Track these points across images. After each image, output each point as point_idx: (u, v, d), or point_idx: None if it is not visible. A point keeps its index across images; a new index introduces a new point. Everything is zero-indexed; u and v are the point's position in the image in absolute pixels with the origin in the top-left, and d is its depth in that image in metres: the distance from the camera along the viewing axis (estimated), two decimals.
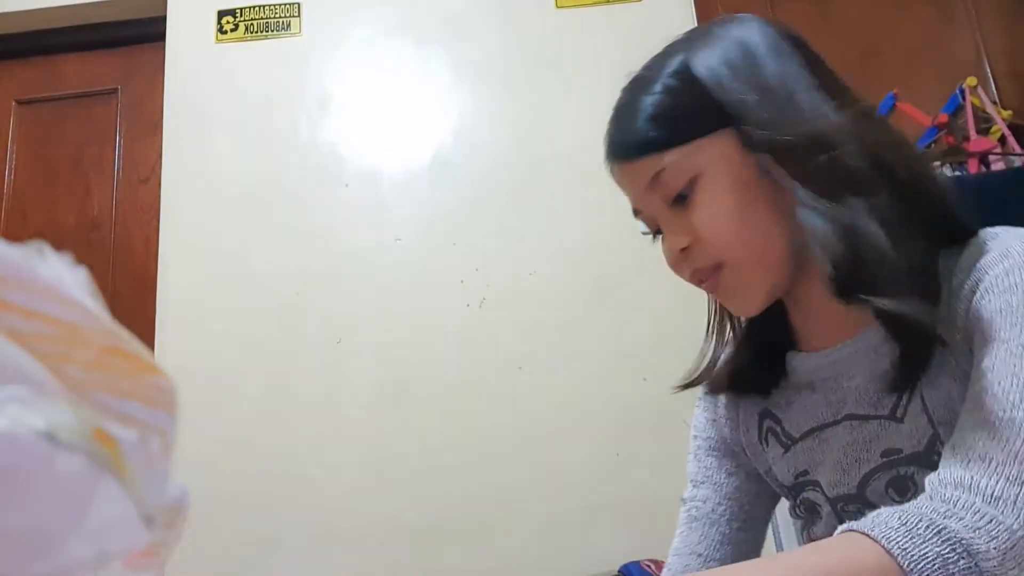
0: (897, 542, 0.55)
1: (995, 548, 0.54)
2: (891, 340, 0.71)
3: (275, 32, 2.38)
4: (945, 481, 0.60)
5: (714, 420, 0.93)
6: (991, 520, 0.55)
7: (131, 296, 2.26)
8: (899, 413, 0.73)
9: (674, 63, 0.75)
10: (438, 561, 1.95)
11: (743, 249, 0.72)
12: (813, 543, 0.59)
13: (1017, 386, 0.61)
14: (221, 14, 2.40)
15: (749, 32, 0.76)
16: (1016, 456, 0.58)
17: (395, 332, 2.11)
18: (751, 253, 0.73)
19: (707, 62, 0.74)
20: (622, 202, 0.82)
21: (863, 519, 0.58)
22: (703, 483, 0.91)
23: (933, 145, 2.12)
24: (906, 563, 0.54)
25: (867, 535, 0.56)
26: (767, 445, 0.87)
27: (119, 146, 2.47)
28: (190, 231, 2.24)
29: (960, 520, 0.56)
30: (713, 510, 0.89)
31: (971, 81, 2.12)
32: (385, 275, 2.16)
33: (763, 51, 0.74)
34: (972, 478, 0.58)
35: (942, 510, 0.57)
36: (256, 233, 2.22)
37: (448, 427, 2.03)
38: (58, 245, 0.31)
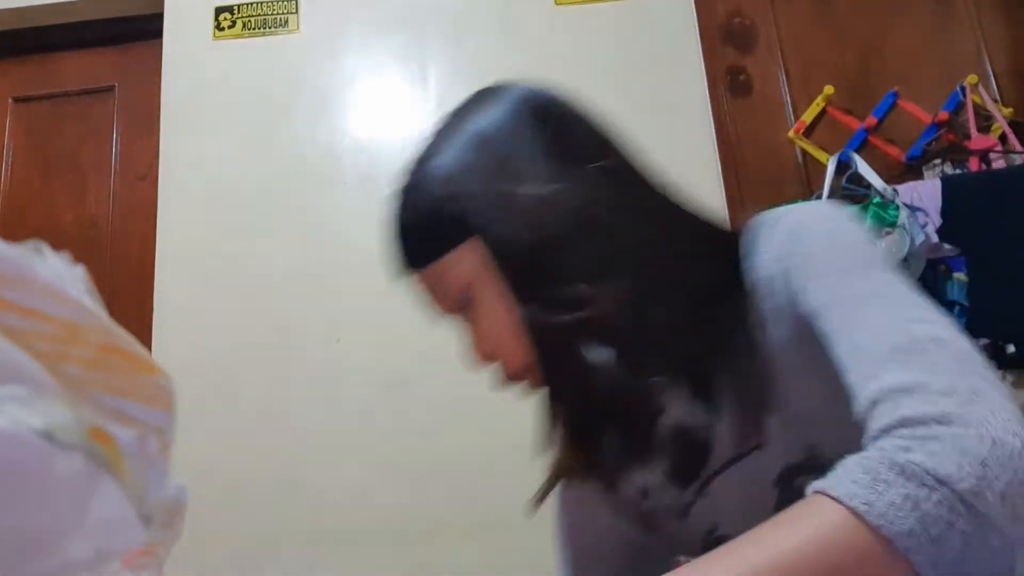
0: (860, 497, 0.49)
1: (968, 464, 0.48)
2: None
3: (273, 29, 2.37)
4: (885, 397, 0.55)
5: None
6: (952, 436, 0.50)
7: (128, 294, 2.25)
8: (761, 440, 0.72)
9: (425, 172, 0.76)
10: (438, 559, 1.94)
11: (525, 352, 0.73)
12: (779, 514, 0.53)
13: (891, 320, 0.59)
14: (218, 11, 2.40)
15: (489, 120, 0.76)
16: (941, 364, 0.54)
17: (394, 330, 2.11)
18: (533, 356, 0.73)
19: (445, 170, 0.74)
20: None
21: (827, 476, 0.53)
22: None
23: (934, 143, 2.12)
24: (873, 518, 0.48)
25: (829, 496, 0.51)
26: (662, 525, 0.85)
27: (116, 144, 2.46)
28: (187, 229, 2.23)
29: (922, 446, 0.50)
30: None
31: (972, 79, 2.12)
32: (384, 273, 2.15)
33: (496, 142, 0.74)
34: (912, 383, 0.53)
35: (901, 443, 0.51)
36: (254, 231, 2.21)
37: (448, 425, 2.03)
38: (55, 243, 0.30)
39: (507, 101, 0.78)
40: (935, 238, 1.95)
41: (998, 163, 2.03)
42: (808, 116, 2.19)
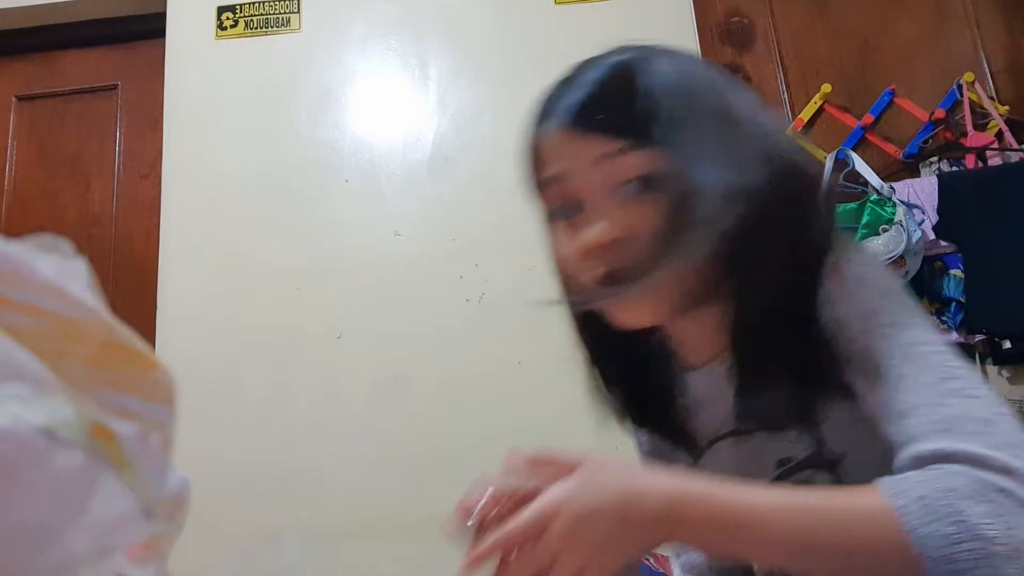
0: (914, 516, 0.53)
1: (1013, 535, 0.52)
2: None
3: (275, 28, 2.38)
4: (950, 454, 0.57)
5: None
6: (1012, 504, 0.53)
7: (132, 291, 2.26)
8: (780, 426, 0.74)
9: (663, 64, 0.71)
10: (437, 554, 1.95)
11: (674, 266, 0.70)
12: (842, 488, 0.58)
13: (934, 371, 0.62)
14: (221, 10, 2.40)
15: (696, 63, 0.76)
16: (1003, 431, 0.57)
17: (395, 327, 2.12)
18: (676, 272, 0.70)
19: (674, 77, 0.71)
20: None
21: (895, 478, 0.57)
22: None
23: (930, 140, 2.12)
24: (914, 541, 0.52)
25: (888, 501, 0.55)
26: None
27: (119, 142, 2.47)
28: (190, 226, 2.24)
29: (984, 500, 0.53)
30: None
31: (968, 77, 2.12)
32: (384, 270, 2.17)
33: (708, 88, 0.72)
34: (975, 452, 0.56)
35: (965, 490, 0.54)
36: (256, 228, 2.22)
37: (448, 422, 2.04)
38: None
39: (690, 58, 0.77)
40: (931, 235, 1.96)
41: (994, 160, 2.03)
42: (805, 114, 2.20)
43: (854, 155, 2.06)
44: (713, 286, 0.73)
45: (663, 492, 0.57)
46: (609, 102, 0.70)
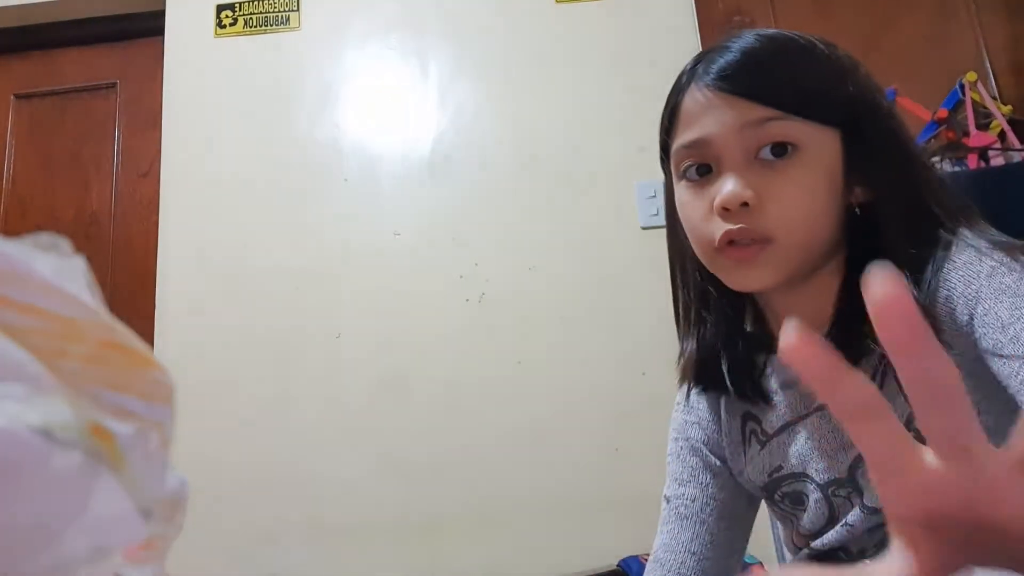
0: None
1: None
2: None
3: (274, 26, 2.38)
4: None
5: (696, 423, 0.93)
6: None
7: (130, 290, 2.26)
8: None
9: (823, 45, 0.76)
10: (437, 554, 1.95)
11: (802, 234, 0.72)
12: None
13: None
14: (220, 8, 2.40)
15: (852, 59, 0.79)
16: None
17: (394, 327, 2.12)
18: (804, 240, 0.73)
19: (849, 61, 0.76)
20: (622, 197, 0.83)
21: None
22: (689, 482, 0.91)
23: (933, 140, 2.12)
24: None
25: None
26: (748, 446, 0.88)
27: (118, 140, 2.46)
28: (189, 225, 2.24)
29: None
30: (701, 509, 0.89)
31: (971, 76, 2.12)
32: (384, 270, 2.16)
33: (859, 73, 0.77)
34: None
35: None
36: (255, 228, 2.22)
37: (447, 422, 2.04)
38: None
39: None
40: None
41: (997, 160, 2.03)
42: None
43: None
44: (831, 256, 0.76)
45: None
46: (760, 69, 0.73)
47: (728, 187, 0.72)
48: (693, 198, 0.76)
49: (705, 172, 0.76)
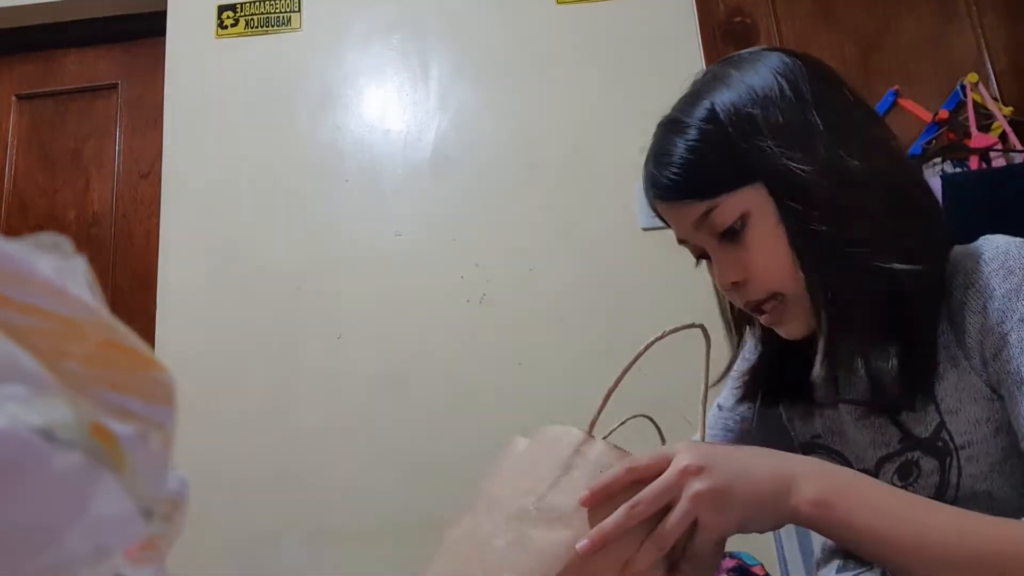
0: None
1: None
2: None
3: (275, 27, 2.38)
4: None
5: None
6: None
7: (131, 291, 2.26)
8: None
9: (703, 109, 0.77)
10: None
11: (797, 284, 0.76)
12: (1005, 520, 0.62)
13: None
14: (221, 9, 2.40)
15: (766, 76, 0.78)
16: None
17: (395, 327, 2.12)
18: (803, 286, 0.76)
19: (732, 110, 0.76)
20: (623, 199, 0.83)
21: None
22: (744, 400, 0.96)
23: (934, 141, 2.12)
24: None
25: None
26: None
27: (119, 141, 2.47)
28: (190, 226, 2.24)
29: None
30: (748, 431, 0.97)
31: (972, 77, 2.12)
32: (385, 270, 2.16)
33: (781, 96, 0.76)
34: None
35: None
36: (256, 228, 2.22)
37: (448, 422, 2.04)
38: None
39: (781, 60, 0.79)
40: None
41: (998, 161, 2.03)
42: None
43: None
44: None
45: (821, 478, 0.64)
46: (677, 173, 0.77)
47: (716, 279, 0.81)
48: (713, 276, 0.84)
49: (705, 256, 0.83)
